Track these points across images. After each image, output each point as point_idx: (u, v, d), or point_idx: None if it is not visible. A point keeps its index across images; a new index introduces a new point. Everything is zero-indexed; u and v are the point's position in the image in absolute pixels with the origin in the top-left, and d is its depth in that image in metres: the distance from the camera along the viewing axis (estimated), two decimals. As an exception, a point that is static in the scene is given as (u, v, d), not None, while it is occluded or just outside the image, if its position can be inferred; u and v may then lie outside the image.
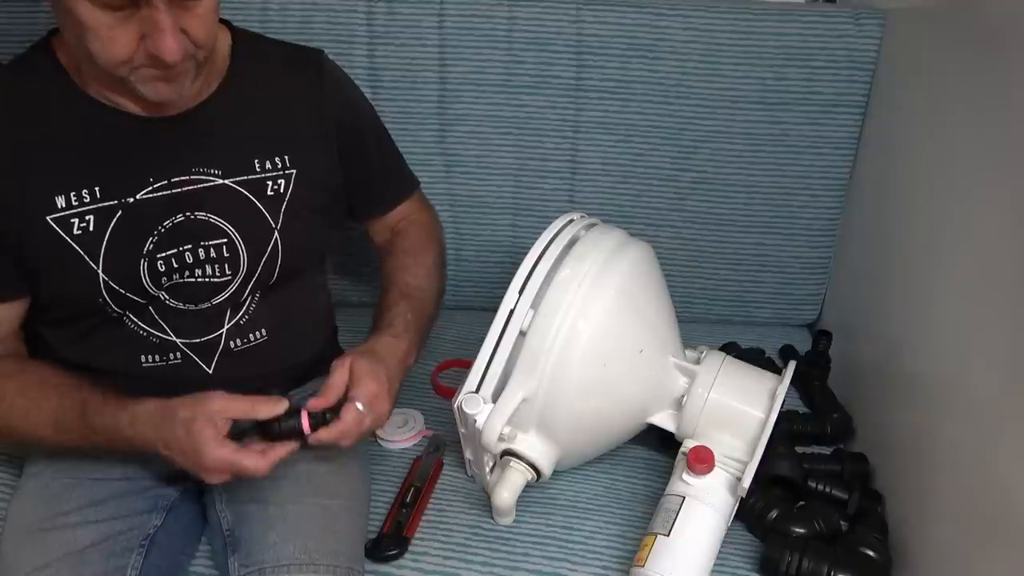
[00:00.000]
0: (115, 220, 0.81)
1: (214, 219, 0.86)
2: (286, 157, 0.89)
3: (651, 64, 1.22)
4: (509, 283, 0.92)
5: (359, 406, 0.82)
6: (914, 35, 1.11)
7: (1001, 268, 0.83)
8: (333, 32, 1.21)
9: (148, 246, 0.83)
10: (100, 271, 0.82)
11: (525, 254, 0.93)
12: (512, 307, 0.91)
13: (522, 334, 0.89)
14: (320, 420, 0.82)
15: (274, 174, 0.89)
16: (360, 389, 0.83)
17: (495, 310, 0.92)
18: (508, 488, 0.92)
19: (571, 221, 0.99)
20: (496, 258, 1.35)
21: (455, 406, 0.93)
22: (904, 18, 1.15)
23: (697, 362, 0.98)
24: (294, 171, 0.90)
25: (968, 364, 0.88)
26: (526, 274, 0.92)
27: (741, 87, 1.23)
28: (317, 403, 0.82)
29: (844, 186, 1.28)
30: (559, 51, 1.22)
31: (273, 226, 0.89)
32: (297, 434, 0.81)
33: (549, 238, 0.95)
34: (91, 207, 0.81)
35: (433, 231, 1.10)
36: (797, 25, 1.20)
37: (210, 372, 0.90)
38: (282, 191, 0.89)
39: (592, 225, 1.00)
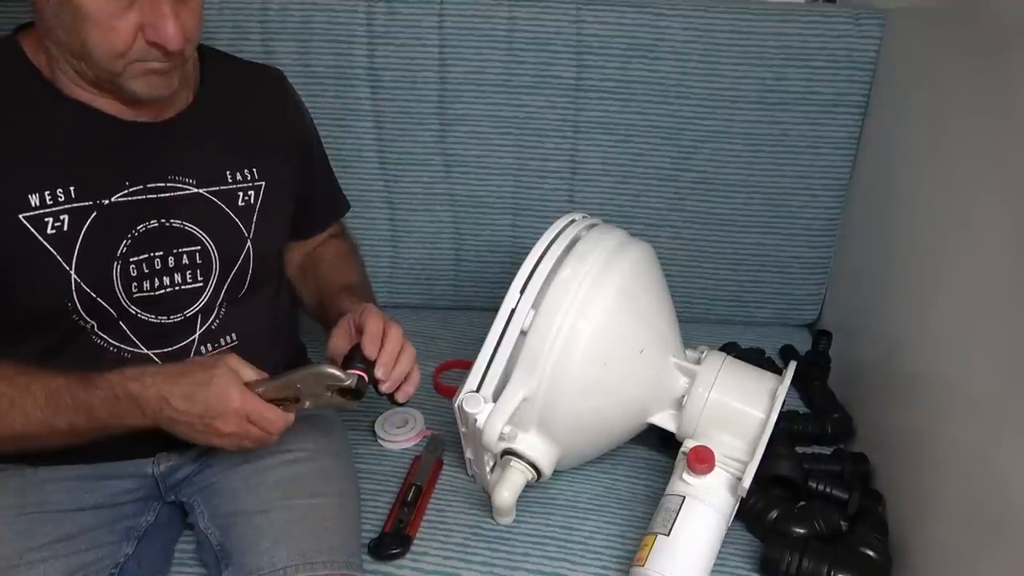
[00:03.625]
0: (89, 221, 0.81)
1: (189, 227, 0.87)
2: (255, 169, 0.92)
3: (651, 64, 1.22)
4: (509, 283, 0.92)
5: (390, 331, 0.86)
6: (914, 35, 1.11)
7: (1001, 268, 0.83)
8: (333, 32, 1.22)
9: (122, 249, 0.83)
10: (73, 272, 0.80)
11: (525, 254, 0.93)
12: (513, 307, 0.91)
13: (523, 334, 0.90)
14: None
15: (244, 185, 0.91)
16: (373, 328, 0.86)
17: (495, 310, 0.92)
18: (508, 488, 0.92)
19: (572, 221, 0.99)
20: (496, 258, 1.35)
21: (456, 405, 0.93)
22: (904, 18, 1.15)
23: (697, 362, 0.98)
24: (263, 183, 0.92)
25: (968, 364, 0.88)
26: (527, 274, 0.92)
27: (741, 87, 1.23)
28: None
29: (844, 186, 1.28)
30: (559, 51, 1.22)
31: (246, 235, 0.90)
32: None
33: (551, 238, 0.95)
34: (66, 207, 0.79)
35: (353, 250, 1.12)
36: (797, 25, 1.20)
37: None
38: (252, 202, 0.91)
39: (593, 225, 1.00)
